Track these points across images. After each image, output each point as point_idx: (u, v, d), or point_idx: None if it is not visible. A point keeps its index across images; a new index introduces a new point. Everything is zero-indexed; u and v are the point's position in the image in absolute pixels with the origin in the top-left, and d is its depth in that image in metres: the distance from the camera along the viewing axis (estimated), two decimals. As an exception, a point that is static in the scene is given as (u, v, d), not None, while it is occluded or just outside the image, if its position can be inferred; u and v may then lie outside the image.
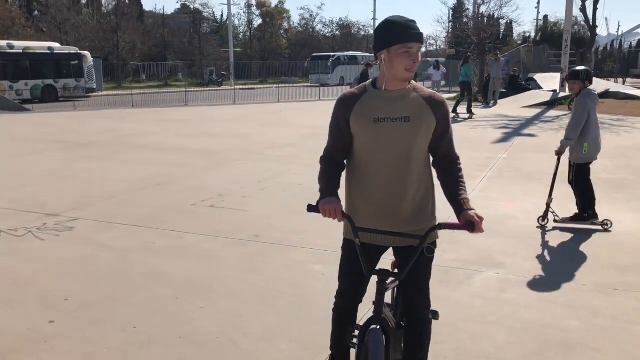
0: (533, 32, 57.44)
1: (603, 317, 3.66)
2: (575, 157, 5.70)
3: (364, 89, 2.46)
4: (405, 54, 2.27)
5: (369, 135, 2.38)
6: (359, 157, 2.45)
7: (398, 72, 2.32)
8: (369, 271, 2.42)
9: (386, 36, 2.30)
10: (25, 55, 28.25)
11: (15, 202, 6.85)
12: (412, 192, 2.42)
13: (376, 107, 2.37)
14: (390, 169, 2.39)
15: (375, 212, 2.44)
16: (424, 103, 2.39)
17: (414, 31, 2.28)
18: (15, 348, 3.34)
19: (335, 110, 2.47)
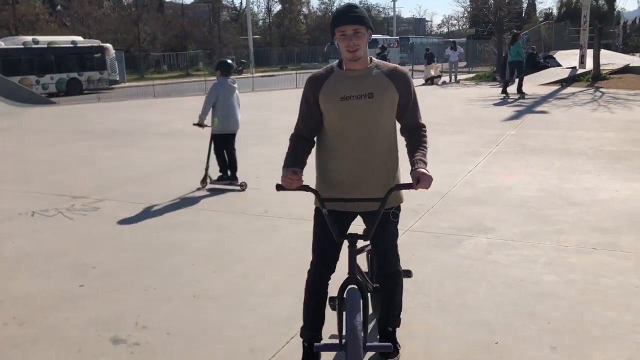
0: (555, 9, 56.61)
1: (576, 272, 3.99)
2: (212, 130, 7.01)
3: (330, 69, 2.66)
4: (343, 36, 2.49)
5: (336, 113, 2.59)
6: (329, 132, 2.65)
7: (343, 53, 2.55)
8: (340, 237, 2.59)
9: (331, 23, 2.56)
10: (49, 49, 29.05)
11: (45, 187, 7.39)
12: (378, 163, 2.64)
13: (342, 86, 2.57)
14: (357, 142, 2.59)
15: (345, 182, 2.65)
16: (386, 78, 2.60)
17: (345, 15, 2.48)
18: (53, 305, 3.83)
19: (304, 90, 2.67)
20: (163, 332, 3.40)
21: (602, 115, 11.82)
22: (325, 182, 2.73)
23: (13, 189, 7.36)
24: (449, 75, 24.76)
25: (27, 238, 5.32)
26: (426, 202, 5.80)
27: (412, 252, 4.52)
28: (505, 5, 25.14)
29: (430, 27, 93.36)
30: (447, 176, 6.95)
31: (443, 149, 8.77)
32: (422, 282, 3.95)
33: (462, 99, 16.57)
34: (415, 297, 3.70)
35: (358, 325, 2.43)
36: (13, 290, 4.12)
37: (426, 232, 4.99)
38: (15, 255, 4.86)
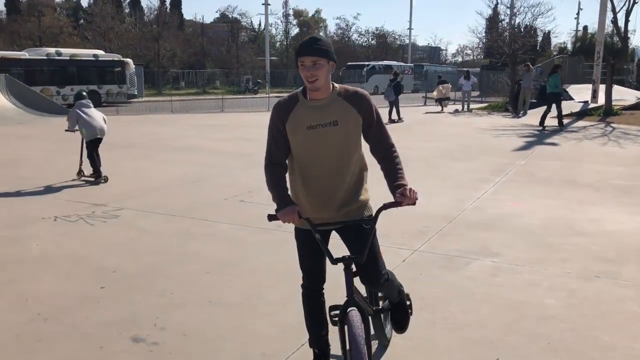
0: (570, 44, 57.02)
1: (577, 297, 4.14)
2: (85, 138, 8.74)
3: (296, 97, 2.75)
4: (302, 66, 2.59)
5: (304, 141, 2.69)
6: (298, 158, 2.75)
7: (305, 82, 2.65)
8: (334, 260, 2.66)
9: (295, 53, 2.69)
10: (71, 62, 29.72)
11: (67, 194, 7.65)
12: (347, 182, 2.76)
13: (307, 115, 2.68)
14: (326, 167, 2.71)
15: (316, 203, 2.77)
16: (347, 104, 2.70)
17: (305, 47, 2.58)
18: (76, 305, 4.03)
19: (272, 117, 2.75)
20: (180, 334, 3.59)
21: (612, 150, 11.96)
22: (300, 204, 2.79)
23: (36, 195, 7.62)
24: (462, 104, 25.02)
25: (50, 241, 5.55)
26: (435, 225, 5.98)
27: (420, 271, 4.69)
28: (519, 38, 25.43)
29: (445, 55, 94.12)
30: (457, 201, 7.13)
31: (453, 175, 8.96)
32: (428, 300, 4.11)
33: (474, 128, 16.77)
34: (421, 313, 3.86)
35: (362, 348, 2.47)
36: (38, 290, 4.33)
37: (434, 253, 5.15)
38: (39, 257, 5.08)
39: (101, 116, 8.86)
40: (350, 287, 2.69)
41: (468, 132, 15.54)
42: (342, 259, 2.68)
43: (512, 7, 30.06)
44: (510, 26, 28.29)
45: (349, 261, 2.70)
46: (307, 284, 2.98)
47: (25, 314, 3.88)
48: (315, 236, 2.66)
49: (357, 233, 2.81)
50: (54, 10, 55.08)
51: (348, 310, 2.63)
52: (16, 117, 19.05)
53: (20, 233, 5.84)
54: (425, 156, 10.97)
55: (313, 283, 2.96)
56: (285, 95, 2.83)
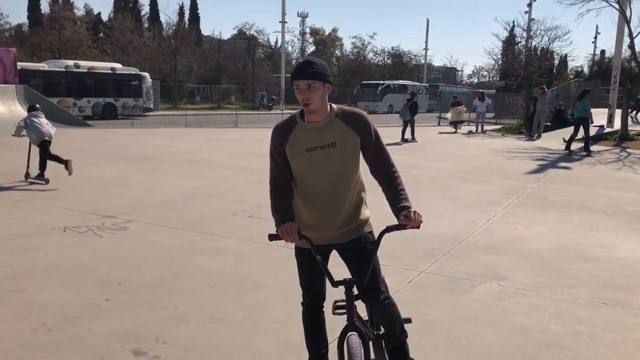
0: (586, 67, 56.85)
1: (584, 324, 4.08)
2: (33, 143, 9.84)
3: (294, 120, 2.76)
4: (298, 90, 2.61)
5: (303, 163, 2.71)
6: (298, 180, 2.77)
7: (302, 105, 2.66)
8: (335, 283, 2.62)
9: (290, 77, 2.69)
10: (89, 74, 30.19)
11: (78, 205, 7.72)
12: (346, 203, 2.77)
13: (305, 138, 2.69)
14: (326, 188, 2.72)
15: (317, 223, 2.78)
16: (345, 125, 2.70)
17: (300, 71, 2.60)
18: (79, 315, 4.05)
19: (272, 141, 2.78)
20: (181, 348, 3.59)
21: (626, 175, 11.85)
22: (301, 222, 2.82)
23: (48, 205, 7.70)
24: (476, 125, 24.98)
25: (58, 251, 5.60)
26: (443, 247, 5.95)
27: (426, 293, 4.66)
28: (535, 61, 25.43)
29: (460, 76, 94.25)
30: (466, 223, 7.09)
31: (464, 196, 8.93)
32: (432, 322, 4.08)
33: (487, 149, 16.72)
34: (424, 335, 3.83)
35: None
36: (43, 299, 4.36)
37: (441, 275, 5.12)
38: (46, 267, 5.12)
39: (48, 123, 10.02)
40: (351, 311, 2.65)
41: (481, 154, 15.49)
42: (343, 282, 2.65)
43: (528, 29, 30.11)
44: (527, 49, 28.28)
45: (350, 284, 2.66)
46: (307, 301, 2.97)
47: (30, 324, 3.90)
48: (317, 258, 2.65)
49: (359, 254, 2.80)
50: (74, 23, 56.05)
51: (348, 335, 2.59)
52: (33, 128, 19.29)
53: (30, 243, 5.89)
54: (436, 177, 10.94)
55: (313, 301, 2.95)
56: (278, 123, 2.84)
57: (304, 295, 2.98)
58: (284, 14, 47.36)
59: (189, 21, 65.57)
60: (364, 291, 2.80)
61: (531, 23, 31.29)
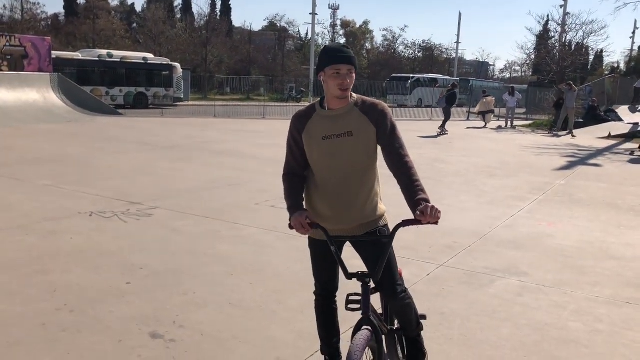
0: (623, 63, 55.42)
1: (604, 323, 4.01)
2: None
3: (313, 108, 2.75)
4: (336, 74, 2.55)
5: (319, 151, 2.68)
6: (314, 169, 2.75)
7: (333, 91, 2.60)
8: (350, 274, 2.57)
9: (321, 60, 2.60)
10: (122, 64, 30.63)
11: (105, 191, 7.88)
12: (361, 194, 2.72)
13: (323, 125, 2.67)
14: (340, 178, 2.68)
15: (331, 214, 2.74)
16: (362, 115, 2.66)
17: (341, 54, 2.55)
18: (101, 298, 4.15)
19: (290, 128, 2.78)
20: (197, 332, 3.65)
21: (659, 174, 11.55)
22: (314, 212, 2.80)
23: (75, 190, 7.88)
24: (505, 121, 24.63)
25: (84, 235, 5.73)
26: (464, 241, 5.90)
27: (443, 286, 4.63)
28: (569, 56, 24.92)
29: (492, 71, 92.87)
30: (489, 218, 7.02)
31: (489, 191, 8.83)
32: (448, 315, 4.06)
33: (516, 145, 16.48)
34: (439, 328, 3.82)
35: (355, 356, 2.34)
36: (67, 281, 4.47)
37: (460, 269, 5.08)
38: (71, 250, 5.25)
39: None
40: (366, 305, 2.57)
41: (509, 149, 15.28)
42: (357, 275, 2.59)
43: (563, 24, 29.51)
44: (560, 43, 27.74)
45: (364, 277, 2.59)
46: (320, 291, 2.98)
47: (52, 304, 4.01)
48: (332, 248, 2.61)
49: (374, 247, 2.75)
50: (108, 13, 56.90)
51: (361, 329, 2.53)
52: (65, 115, 19.74)
53: (57, 226, 6.04)
54: (462, 171, 10.83)
55: (325, 291, 2.96)
56: (298, 110, 2.82)
57: (317, 285, 2.98)
58: (315, 6, 47.29)
59: (220, 12, 65.92)
60: (380, 284, 2.76)
61: (566, 17, 30.64)
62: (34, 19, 50.94)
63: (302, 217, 2.58)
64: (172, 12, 61.20)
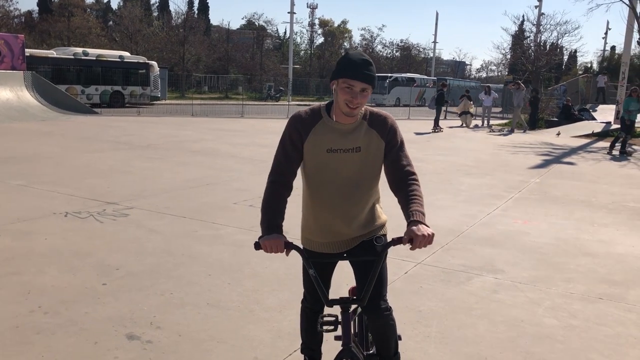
0: (596, 63, 56.41)
1: (578, 319, 4.08)
2: None
3: (319, 113, 2.48)
4: (347, 89, 2.30)
5: (321, 163, 2.45)
6: (312, 181, 2.51)
7: (340, 104, 2.36)
8: (329, 301, 2.34)
9: (339, 68, 2.34)
10: (98, 62, 30.21)
11: (80, 191, 7.76)
12: (362, 211, 2.53)
13: (329, 137, 2.43)
14: (341, 193, 2.48)
15: (327, 229, 2.55)
16: (370, 129, 2.46)
17: (360, 71, 2.28)
18: (76, 299, 4.09)
19: (289, 130, 2.47)
20: (175, 333, 3.62)
21: (630, 172, 11.79)
22: (310, 225, 2.63)
23: (51, 190, 7.75)
24: (482, 120, 24.88)
25: (58, 236, 5.64)
26: (441, 239, 5.95)
27: (421, 284, 4.67)
28: (544, 56, 25.27)
29: (469, 70, 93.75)
30: (466, 216, 7.09)
31: (466, 189, 8.91)
32: (425, 313, 4.09)
33: (492, 144, 16.67)
34: (416, 326, 3.85)
35: None
36: (41, 283, 4.40)
37: (437, 267, 5.13)
38: (46, 251, 5.17)
39: None
40: (347, 335, 2.34)
41: (485, 148, 15.45)
42: (340, 301, 2.35)
43: (538, 24, 29.92)
44: (536, 43, 28.11)
45: (348, 303, 2.35)
46: (310, 304, 2.77)
47: (26, 306, 3.95)
48: (310, 272, 2.33)
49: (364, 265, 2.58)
50: (83, 11, 56.11)
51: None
52: (40, 114, 19.42)
53: (31, 227, 5.94)
54: (439, 170, 10.92)
55: (317, 306, 2.75)
56: (305, 108, 2.54)
57: (307, 297, 2.76)
58: (293, 5, 47.19)
59: (198, 10, 65.44)
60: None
61: (541, 17, 31.08)
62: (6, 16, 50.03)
63: (280, 242, 2.29)
64: (148, 10, 60.61)
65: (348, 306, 2.35)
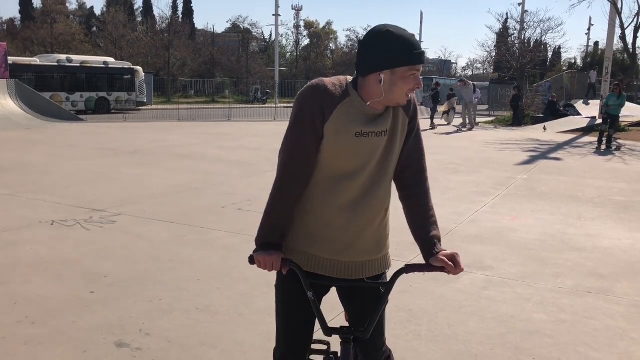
0: (580, 59, 56.93)
1: (567, 313, 4.11)
2: None
3: (345, 90, 1.92)
4: (412, 76, 1.86)
5: (344, 151, 1.91)
6: (322, 173, 1.96)
7: (399, 97, 1.89)
8: (328, 329, 1.96)
9: (397, 53, 1.82)
10: (82, 68, 30.02)
11: (66, 198, 7.70)
12: (378, 217, 2.04)
13: (359, 118, 1.91)
14: (360, 190, 1.97)
15: (334, 239, 2.00)
16: (398, 109, 2.00)
17: (422, 51, 1.87)
18: (63, 308, 4.05)
19: (312, 104, 1.88)
20: (164, 340, 3.59)
21: (616, 166, 11.90)
22: (306, 236, 2.04)
23: (36, 199, 7.68)
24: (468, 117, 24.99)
25: (45, 245, 5.58)
26: (430, 238, 5.96)
27: (410, 283, 4.67)
28: (528, 53, 25.45)
29: (455, 69, 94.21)
30: (454, 214, 7.11)
31: (453, 187, 8.95)
32: (415, 312, 4.09)
33: (478, 141, 16.76)
34: (407, 325, 3.85)
35: None
36: (27, 292, 4.35)
37: (426, 265, 5.13)
38: (32, 261, 5.11)
39: None
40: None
41: (472, 146, 15.52)
42: (340, 330, 1.97)
43: (521, 22, 30.13)
44: (520, 41, 28.30)
45: (349, 334, 1.97)
46: (284, 351, 2.15)
47: (12, 317, 3.90)
48: (309, 294, 1.93)
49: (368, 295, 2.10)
50: (66, 17, 55.71)
51: None
52: (24, 122, 19.24)
53: (16, 236, 5.88)
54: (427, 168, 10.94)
55: (293, 353, 2.13)
56: (330, 78, 1.95)
57: (281, 347, 2.17)
58: (278, 7, 47.22)
59: (182, 15, 65.18)
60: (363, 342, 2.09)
61: (524, 15, 31.32)
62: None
63: (277, 259, 1.95)
64: (132, 15, 60.29)
65: (349, 337, 1.97)
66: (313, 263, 2.04)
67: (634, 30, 23.26)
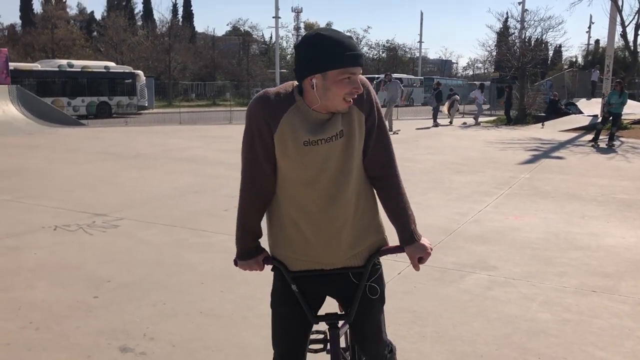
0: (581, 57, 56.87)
1: (572, 312, 4.09)
2: None
3: (291, 97, 1.90)
4: (347, 80, 1.80)
5: (294, 161, 1.90)
6: (285, 181, 1.96)
7: (336, 103, 1.84)
8: (314, 317, 2.03)
9: (325, 56, 1.77)
10: (83, 73, 30.07)
11: (69, 203, 7.70)
12: (353, 215, 1.99)
13: (306, 125, 1.88)
14: (326, 195, 1.93)
15: (314, 246, 2.00)
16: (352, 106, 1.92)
17: (356, 52, 1.80)
18: (67, 313, 4.04)
19: (254, 119, 1.90)
20: (168, 344, 3.58)
21: (619, 164, 11.87)
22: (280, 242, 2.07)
23: (39, 204, 7.68)
24: (475, 117, 24.98)
25: (48, 250, 5.58)
26: (433, 238, 5.94)
27: (414, 284, 4.65)
28: (529, 52, 25.40)
29: (456, 69, 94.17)
30: (457, 214, 7.09)
31: (456, 187, 8.93)
32: (420, 312, 4.08)
33: (481, 141, 16.73)
34: (411, 326, 3.83)
35: None
36: (31, 298, 4.35)
37: (430, 266, 5.12)
38: (35, 266, 5.11)
39: None
40: (336, 355, 2.03)
41: (474, 145, 15.50)
42: (326, 317, 2.05)
43: (522, 21, 30.07)
44: (520, 40, 28.24)
45: (333, 319, 2.04)
46: None
47: (16, 322, 3.89)
48: (292, 287, 2.00)
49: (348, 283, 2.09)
50: (67, 22, 55.80)
51: None
52: (26, 128, 19.27)
53: (19, 242, 5.88)
54: (429, 169, 10.93)
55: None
56: (273, 88, 1.95)
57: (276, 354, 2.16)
58: (278, 9, 47.17)
59: (182, 18, 65.30)
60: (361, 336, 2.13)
61: (525, 14, 31.26)
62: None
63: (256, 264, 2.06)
64: (133, 19, 60.41)
65: (335, 323, 2.05)
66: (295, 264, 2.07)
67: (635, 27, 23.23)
